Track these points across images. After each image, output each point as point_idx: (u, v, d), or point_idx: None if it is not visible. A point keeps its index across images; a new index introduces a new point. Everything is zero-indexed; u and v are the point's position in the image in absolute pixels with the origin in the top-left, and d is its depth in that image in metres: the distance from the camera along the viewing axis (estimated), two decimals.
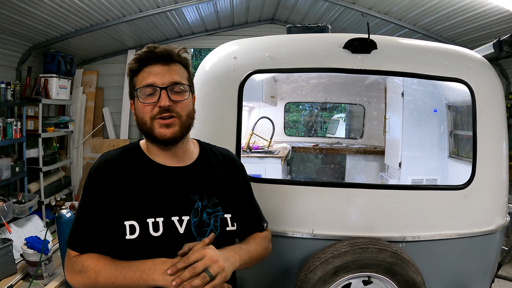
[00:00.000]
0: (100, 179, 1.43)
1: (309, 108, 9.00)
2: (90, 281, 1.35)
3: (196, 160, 1.56)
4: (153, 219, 1.38)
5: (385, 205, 2.39)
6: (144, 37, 7.30)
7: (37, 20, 5.03)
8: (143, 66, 1.44)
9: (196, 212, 1.44)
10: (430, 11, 5.34)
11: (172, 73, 1.44)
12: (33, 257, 4.31)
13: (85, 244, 1.40)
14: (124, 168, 1.46)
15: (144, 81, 1.42)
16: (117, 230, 1.37)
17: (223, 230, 1.47)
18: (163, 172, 1.48)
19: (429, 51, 2.53)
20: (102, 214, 1.39)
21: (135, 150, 1.54)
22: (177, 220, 1.41)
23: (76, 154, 7.41)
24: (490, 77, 2.52)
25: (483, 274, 2.58)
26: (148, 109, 1.41)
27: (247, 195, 1.70)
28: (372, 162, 5.60)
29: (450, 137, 3.84)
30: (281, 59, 2.45)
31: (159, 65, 1.43)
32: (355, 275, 2.19)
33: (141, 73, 1.44)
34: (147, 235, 1.35)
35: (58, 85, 6.20)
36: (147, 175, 1.46)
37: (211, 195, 1.49)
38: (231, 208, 1.53)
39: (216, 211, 1.47)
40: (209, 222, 1.45)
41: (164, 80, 1.41)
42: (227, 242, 1.49)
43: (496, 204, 2.51)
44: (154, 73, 1.42)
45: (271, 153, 4.91)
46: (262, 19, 7.82)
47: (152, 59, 1.43)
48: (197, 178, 1.51)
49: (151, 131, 1.42)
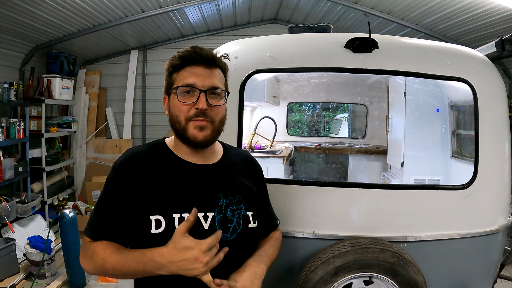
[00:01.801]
0: (124, 173, 1.45)
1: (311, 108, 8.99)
2: (98, 266, 1.38)
3: (221, 159, 1.60)
4: (179, 214, 1.40)
5: (386, 205, 2.38)
6: (146, 37, 7.33)
7: (40, 20, 5.05)
8: (185, 64, 1.46)
9: (220, 209, 1.46)
10: (432, 11, 5.33)
11: (213, 77, 1.46)
12: (36, 256, 4.33)
13: (98, 233, 1.43)
14: (150, 163, 1.48)
15: (185, 80, 1.44)
16: (142, 224, 1.39)
17: (245, 227, 1.51)
18: (190, 169, 1.50)
19: (431, 50, 2.52)
20: (123, 207, 1.41)
21: (161, 147, 1.56)
22: (202, 216, 1.43)
23: (79, 154, 7.43)
24: (493, 76, 2.50)
25: (486, 274, 2.56)
26: (185, 109, 1.43)
27: (265, 195, 1.76)
28: (374, 162, 5.60)
29: (453, 137, 3.83)
30: (282, 59, 2.44)
31: (202, 67, 1.46)
32: (356, 275, 2.19)
33: (183, 71, 1.46)
34: (173, 229, 1.35)
35: (61, 85, 6.23)
36: (174, 171, 1.48)
37: (234, 193, 1.52)
38: (252, 206, 1.56)
39: (239, 208, 1.51)
40: (232, 219, 1.48)
41: (205, 83, 1.43)
42: (249, 238, 1.54)
43: (499, 204, 2.50)
44: (196, 74, 1.44)
45: (273, 153, 4.91)
46: (264, 19, 7.83)
47: (196, 60, 1.45)
48: (222, 176, 1.54)
49: (184, 131, 1.45)
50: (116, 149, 7.70)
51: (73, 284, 4.32)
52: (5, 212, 4.66)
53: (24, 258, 4.66)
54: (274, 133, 5.45)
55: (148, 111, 7.90)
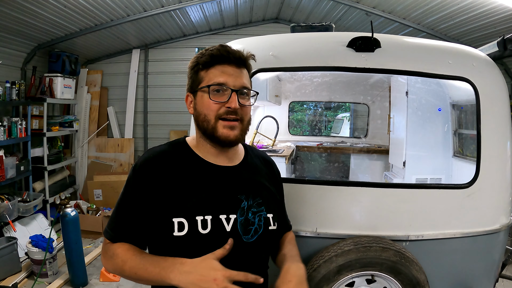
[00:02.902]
0: (145, 174, 1.44)
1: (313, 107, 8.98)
2: (118, 267, 1.39)
3: (243, 161, 1.59)
4: (202, 216, 1.39)
5: (389, 204, 2.38)
6: (148, 36, 7.35)
7: (42, 20, 5.07)
8: (215, 63, 1.45)
9: (242, 211, 1.47)
10: (434, 10, 5.34)
11: (243, 77, 1.47)
12: (38, 255, 4.35)
13: (118, 234, 1.44)
14: (172, 164, 1.47)
15: (215, 79, 1.43)
16: (165, 226, 1.38)
17: (266, 229, 1.51)
18: (212, 171, 1.49)
19: (433, 49, 2.52)
20: (144, 209, 1.41)
21: (183, 147, 1.55)
22: (224, 219, 1.42)
23: (80, 153, 7.45)
24: (495, 76, 2.50)
25: (487, 273, 2.56)
26: (215, 108, 1.42)
27: (282, 197, 1.77)
28: (376, 161, 5.60)
29: (455, 136, 3.83)
30: (285, 58, 2.44)
31: (233, 67, 1.45)
32: (359, 273, 2.19)
33: (212, 70, 1.45)
34: (196, 232, 1.37)
35: (63, 85, 6.26)
36: (196, 172, 1.47)
37: (256, 195, 1.52)
38: (272, 209, 1.57)
39: (260, 210, 1.51)
40: (254, 221, 1.48)
41: (236, 82, 1.43)
42: (269, 240, 1.55)
43: (501, 203, 2.49)
44: (227, 73, 1.43)
45: (275, 152, 4.91)
46: (266, 19, 7.84)
47: (227, 58, 1.44)
48: (244, 178, 1.54)
49: (214, 130, 1.43)
50: (117, 148, 7.73)
51: (74, 283, 4.32)
52: (7, 211, 4.67)
53: (26, 257, 4.68)
54: (276, 132, 5.45)
55: (149, 110, 7.94)
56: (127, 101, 7.85)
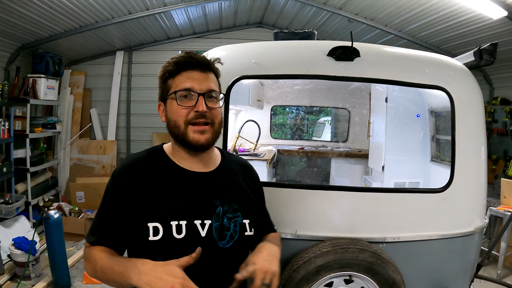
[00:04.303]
0: (123, 181, 1.46)
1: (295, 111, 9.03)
2: (92, 268, 1.42)
3: (219, 167, 1.60)
4: (176, 221, 1.40)
5: (366, 207, 2.46)
6: (132, 38, 7.35)
7: (27, 20, 5.05)
8: (180, 70, 1.47)
9: (218, 217, 1.47)
10: (415, 18, 5.46)
11: (209, 80, 1.48)
12: (21, 257, 4.32)
13: (97, 239, 1.47)
14: (148, 171, 1.49)
15: (182, 85, 1.45)
16: (141, 231, 1.40)
17: (242, 235, 1.51)
18: (188, 177, 1.50)
19: (411, 59, 2.62)
20: (121, 215, 1.43)
21: (160, 154, 1.56)
22: (199, 224, 1.44)
23: (63, 154, 7.41)
24: (470, 85, 2.60)
25: (463, 274, 2.66)
26: (184, 113, 1.44)
27: (262, 203, 1.77)
28: (356, 165, 5.67)
29: (432, 141, 3.93)
30: (267, 66, 2.50)
31: (198, 71, 1.47)
32: (337, 274, 2.27)
33: (179, 77, 1.47)
34: (170, 237, 1.38)
35: (46, 86, 6.22)
36: (172, 178, 1.49)
37: (231, 201, 1.53)
38: (249, 214, 1.57)
39: (235, 216, 1.51)
40: (229, 227, 1.49)
41: (202, 86, 1.45)
42: (245, 246, 1.55)
43: (475, 206, 2.60)
44: (193, 78, 1.45)
45: (257, 156, 4.95)
46: (250, 23, 7.88)
47: (192, 64, 1.46)
48: (219, 184, 1.55)
49: (184, 135, 1.45)
50: (100, 150, 7.70)
51: (58, 285, 4.31)
52: None
53: (8, 259, 4.64)
54: (257, 136, 5.50)
55: (132, 113, 7.93)
56: (110, 103, 7.83)
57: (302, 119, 8.88)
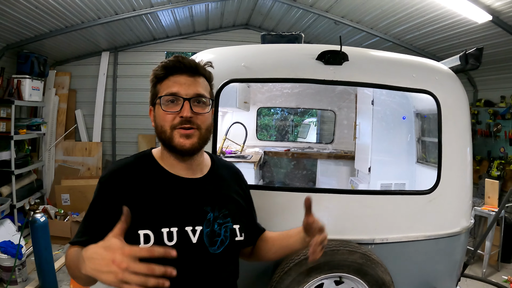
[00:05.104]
0: (110, 187, 1.43)
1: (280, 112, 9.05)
2: (67, 268, 1.38)
3: (208, 173, 1.59)
4: (167, 228, 1.39)
5: (354, 210, 2.48)
6: (118, 39, 7.32)
7: (12, 20, 4.99)
8: (168, 74, 1.46)
9: (208, 223, 1.47)
10: (401, 21, 5.53)
11: (197, 85, 1.46)
12: (7, 262, 4.27)
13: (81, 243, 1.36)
14: (137, 177, 1.46)
15: (168, 90, 1.43)
16: (131, 238, 1.29)
17: (233, 240, 1.52)
18: (178, 183, 1.49)
19: (398, 63, 2.65)
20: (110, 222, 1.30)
21: (148, 159, 1.54)
22: (190, 230, 1.43)
23: (48, 156, 7.33)
24: (456, 88, 2.64)
25: (450, 273, 2.71)
26: (169, 118, 1.42)
27: (251, 207, 1.78)
28: (342, 166, 5.72)
29: (418, 143, 3.98)
30: (257, 69, 2.50)
31: (185, 76, 1.45)
32: (327, 275, 2.29)
33: (166, 81, 1.46)
34: (162, 244, 1.36)
35: (31, 87, 6.15)
36: (162, 185, 1.47)
37: (221, 207, 1.52)
38: (239, 219, 1.57)
39: (226, 222, 1.51)
40: (220, 233, 1.48)
41: (188, 91, 1.43)
42: (235, 251, 1.57)
43: (461, 207, 2.64)
44: (179, 82, 1.44)
45: (244, 158, 4.97)
46: (236, 24, 7.91)
47: (179, 68, 1.45)
48: (209, 190, 1.54)
49: (170, 140, 1.43)
50: (85, 152, 7.64)
51: None
52: None
53: None
54: (244, 138, 5.50)
55: (118, 114, 7.90)
56: (96, 104, 7.78)
57: (286, 120, 8.89)
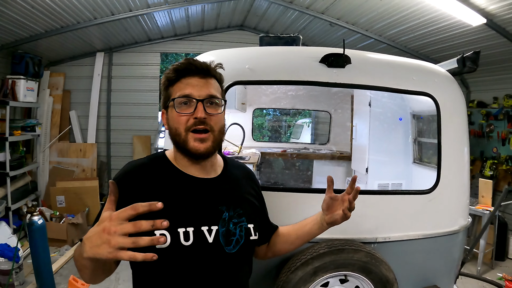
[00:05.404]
0: (124, 187, 1.37)
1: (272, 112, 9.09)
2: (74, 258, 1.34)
3: (222, 173, 1.60)
4: (184, 228, 1.39)
5: (357, 209, 2.50)
6: (113, 39, 7.31)
7: (7, 20, 4.97)
8: (180, 77, 1.47)
9: (224, 222, 1.47)
10: (396, 23, 5.60)
11: (209, 86, 1.47)
12: (4, 265, 4.24)
13: None
14: (152, 177, 1.47)
15: (180, 92, 1.44)
16: None
17: (247, 239, 1.53)
18: (193, 183, 1.49)
19: (399, 66, 2.71)
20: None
21: (162, 160, 1.55)
22: (206, 230, 1.43)
23: (42, 158, 7.28)
24: (454, 91, 2.71)
25: (449, 271, 2.78)
26: (183, 120, 1.43)
27: (263, 206, 1.80)
28: (339, 167, 5.77)
29: (414, 144, 4.05)
30: (261, 71, 2.53)
31: (197, 78, 1.47)
32: (333, 274, 2.33)
33: (178, 84, 1.47)
34: (178, 244, 1.37)
35: (26, 87, 6.12)
36: (177, 185, 1.47)
37: (236, 206, 1.53)
38: (253, 219, 1.59)
39: (241, 221, 1.52)
40: (235, 232, 1.49)
41: (201, 92, 1.44)
42: (250, 250, 1.59)
43: (459, 206, 2.71)
44: (191, 84, 1.45)
45: (243, 159, 4.97)
46: (231, 25, 7.94)
47: (191, 71, 1.46)
48: (224, 190, 1.55)
49: (185, 143, 1.44)
50: (80, 153, 7.60)
51: None
52: None
53: None
54: (242, 139, 5.52)
55: (113, 115, 7.88)
56: (90, 105, 7.76)
57: (279, 121, 8.93)
